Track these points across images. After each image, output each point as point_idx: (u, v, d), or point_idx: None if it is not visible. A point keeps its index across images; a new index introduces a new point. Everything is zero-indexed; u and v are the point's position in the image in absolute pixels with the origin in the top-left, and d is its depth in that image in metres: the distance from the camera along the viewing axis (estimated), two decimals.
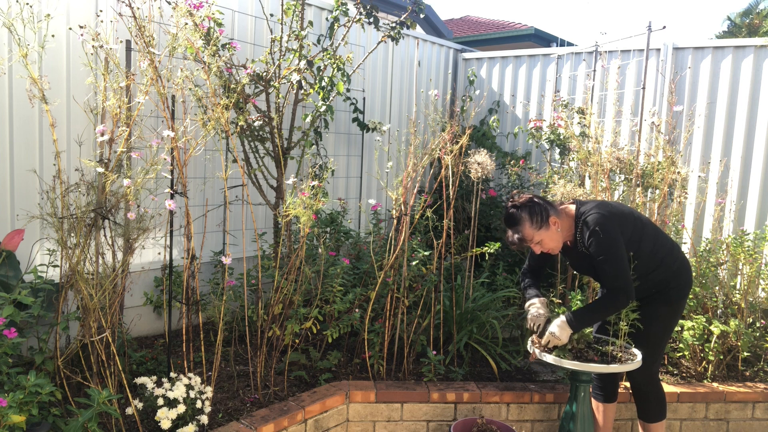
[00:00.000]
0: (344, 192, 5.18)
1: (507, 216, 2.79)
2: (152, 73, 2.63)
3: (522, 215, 2.73)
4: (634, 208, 2.93)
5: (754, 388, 3.52)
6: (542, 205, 2.76)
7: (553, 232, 2.75)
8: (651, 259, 2.73)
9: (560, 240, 2.79)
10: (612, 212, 2.72)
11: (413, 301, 3.59)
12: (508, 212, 2.79)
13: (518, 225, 2.74)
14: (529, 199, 2.78)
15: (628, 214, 2.79)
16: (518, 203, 2.77)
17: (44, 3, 3.16)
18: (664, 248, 2.79)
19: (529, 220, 2.72)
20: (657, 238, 2.80)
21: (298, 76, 3.64)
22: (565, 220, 2.78)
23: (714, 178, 4.75)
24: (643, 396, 2.92)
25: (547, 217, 2.73)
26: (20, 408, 2.12)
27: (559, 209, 2.80)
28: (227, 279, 3.29)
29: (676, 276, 2.79)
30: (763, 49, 4.63)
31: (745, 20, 18.09)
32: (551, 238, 2.76)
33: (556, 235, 2.76)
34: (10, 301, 2.40)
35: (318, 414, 3.03)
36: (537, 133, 5.04)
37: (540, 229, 2.73)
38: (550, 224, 2.74)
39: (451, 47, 6.31)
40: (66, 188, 2.64)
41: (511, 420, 3.34)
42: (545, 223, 2.73)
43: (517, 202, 2.78)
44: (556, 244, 2.79)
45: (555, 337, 2.70)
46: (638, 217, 2.81)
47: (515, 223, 2.75)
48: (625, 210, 2.81)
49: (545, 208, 2.75)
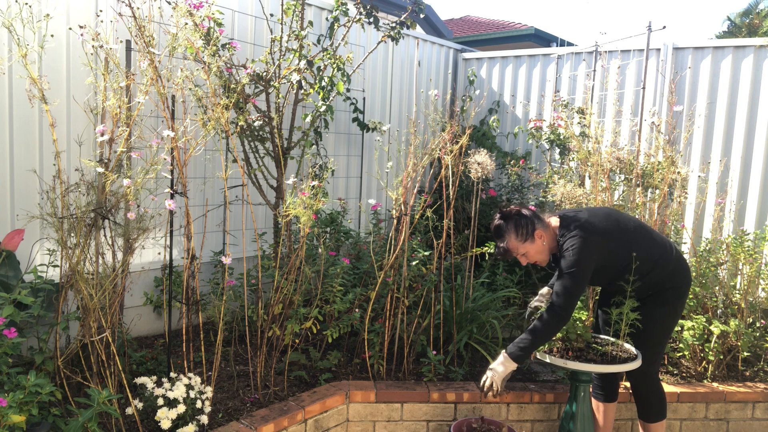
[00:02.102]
0: (344, 192, 5.18)
1: (495, 227, 2.81)
2: (152, 73, 2.63)
3: (508, 227, 2.76)
4: (621, 214, 2.88)
5: (754, 388, 3.52)
6: (529, 217, 2.77)
7: (539, 245, 2.76)
8: (645, 262, 2.72)
9: (546, 253, 2.80)
10: (593, 231, 2.69)
11: (413, 301, 3.59)
12: (495, 223, 2.82)
13: (504, 236, 2.77)
14: (516, 211, 2.80)
15: (613, 229, 2.75)
16: (506, 213, 2.81)
17: (44, 3, 3.16)
18: (659, 250, 2.78)
19: (515, 232, 2.75)
20: (650, 240, 2.79)
21: (298, 76, 3.64)
22: (551, 234, 2.79)
23: (714, 178, 4.75)
24: (644, 396, 2.92)
25: (532, 231, 2.75)
26: (20, 408, 2.12)
27: (546, 222, 2.80)
28: (227, 279, 3.29)
29: (672, 276, 2.79)
30: (763, 49, 4.63)
31: (745, 20, 18.10)
32: (537, 251, 2.77)
33: (541, 248, 2.77)
34: (10, 301, 2.40)
35: (318, 414, 3.03)
36: (537, 133, 5.04)
37: (525, 242, 2.75)
38: (535, 238, 2.75)
39: (451, 47, 6.31)
40: (66, 188, 2.64)
41: (511, 420, 3.34)
42: (530, 237, 2.74)
43: (505, 212, 2.82)
44: (542, 257, 2.80)
45: (496, 374, 2.64)
46: (624, 228, 2.78)
47: (501, 235, 2.78)
48: (609, 225, 2.76)
49: (531, 221, 2.76)
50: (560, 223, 2.79)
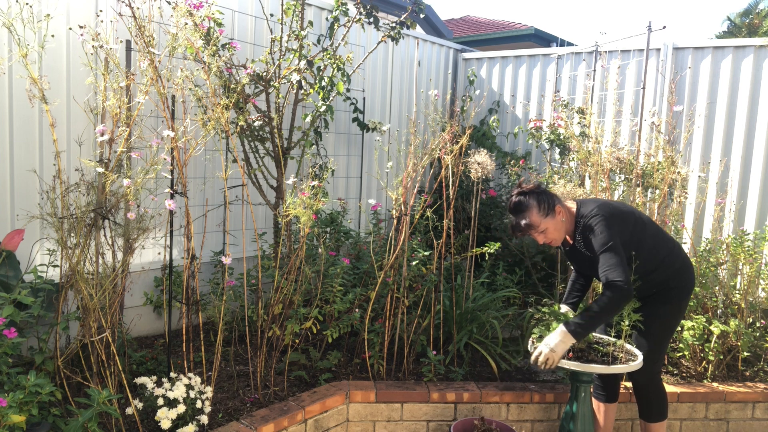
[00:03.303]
0: (344, 192, 5.18)
1: (515, 203, 2.77)
2: (152, 73, 2.63)
3: (530, 201, 2.73)
4: (635, 208, 2.93)
5: (754, 388, 3.52)
6: (549, 193, 2.78)
7: (558, 221, 2.75)
8: (652, 259, 2.73)
9: (563, 231, 2.78)
10: (612, 213, 2.72)
11: (413, 301, 3.59)
12: (515, 198, 2.77)
13: (526, 211, 2.73)
14: (536, 185, 2.79)
15: (629, 213, 2.79)
16: (526, 190, 2.77)
17: (44, 3, 3.16)
18: (665, 248, 2.79)
19: (537, 206, 2.72)
20: (658, 237, 2.80)
21: (298, 76, 3.64)
22: (567, 214, 2.79)
23: (714, 178, 4.75)
24: (645, 396, 2.92)
25: (553, 205, 2.74)
26: (20, 408, 2.12)
27: (562, 201, 2.82)
28: (227, 279, 3.29)
29: (677, 276, 2.79)
30: (763, 49, 4.63)
31: (745, 20, 18.10)
32: (555, 228, 2.75)
33: (560, 225, 2.75)
34: (10, 301, 2.40)
35: (318, 414, 3.03)
36: (537, 133, 5.04)
37: (546, 216, 2.72)
38: (556, 212, 2.74)
39: (451, 47, 6.31)
40: (66, 188, 2.64)
41: (511, 420, 3.34)
42: (552, 211, 2.73)
43: (524, 188, 2.78)
44: (559, 235, 2.78)
45: (551, 352, 2.54)
46: (639, 217, 2.81)
47: (522, 210, 2.74)
48: (626, 209, 2.81)
49: (552, 196, 2.77)
50: (579, 205, 2.80)
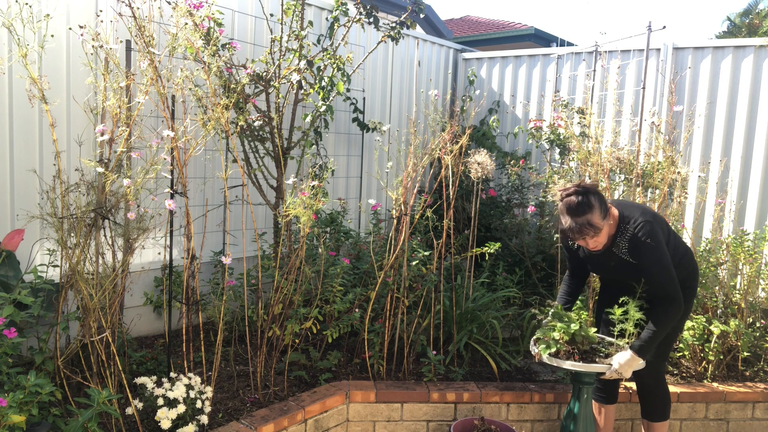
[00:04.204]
0: (344, 192, 5.18)
1: (579, 202, 2.49)
2: (152, 73, 2.63)
3: (594, 201, 2.49)
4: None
5: (754, 388, 3.52)
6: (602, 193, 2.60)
7: (610, 225, 2.59)
8: (672, 261, 2.69)
9: (607, 236, 2.59)
10: (656, 218, 2.62)
11: (413, 301, 3.59)
12: (577, 199, 2.51)
13: (589, 212, 2.48)
14: (594, 185, 2.55)
15: (662, 218, 2.75)
16: (586, 188, 2.52)
17: (44, 3, 3.16)
18: (681, 250, 2.80)
19: (599, 207, 2.50)
20: (677, 240, 2.81)
21: (298, 76, 3.64)
22: (613, 218, 2.64)
23: (714, 178, 4.75)
24: (649, 395, 2.92)
25: (608, 207, 2.56)
26: (20, 408, 2.12)
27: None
28: (227, 279, 3.30)
29: (690, 277, 2.81)
30: (763, 49, 4.63)
31: (745, 20, 18.09)
32: (605, 232, 2.56)
33: (608, 229, 2.57)
34: (10, 301, 2.40)
35: (318, 414, 3.03)
36: (537, 133, 5.04)
37: (604, 219, 2.52)
38: (609, 215, 2.58)
39: (451, 47, 6.31)
40: (66, 188, 2.64)
41: (511, 420, 3.34)
42: (608, 214, 2.55)
43: (582, 188, 2.52)
44: (604, 240, 2.59)
45: (621, 375, 2.56)
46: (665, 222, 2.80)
47: (587, 210, 2.48)
48: (657, 214, 2.74)
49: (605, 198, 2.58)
50: (618, 208, 2.63)
